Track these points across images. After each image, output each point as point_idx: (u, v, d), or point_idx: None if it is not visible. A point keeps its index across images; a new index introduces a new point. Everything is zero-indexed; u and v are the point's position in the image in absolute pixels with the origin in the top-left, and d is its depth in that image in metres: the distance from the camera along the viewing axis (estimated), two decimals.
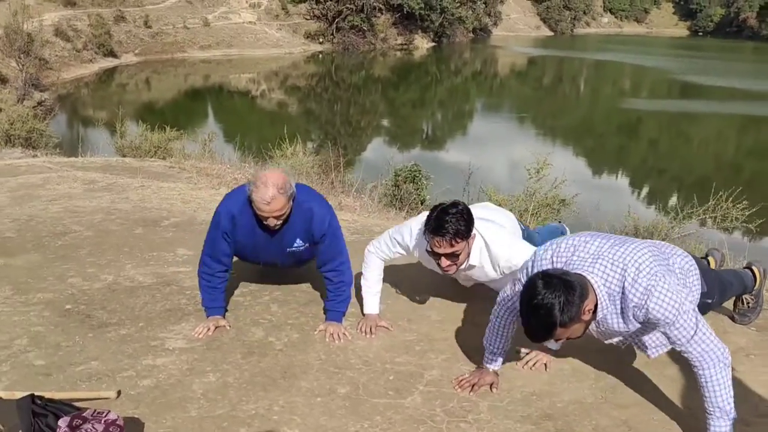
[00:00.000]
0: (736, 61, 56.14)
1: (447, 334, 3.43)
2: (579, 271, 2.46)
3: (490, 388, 2.93)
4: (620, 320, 2.51)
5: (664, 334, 2.51)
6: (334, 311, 3.42)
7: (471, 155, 19.76)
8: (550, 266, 2.59)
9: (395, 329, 3.45)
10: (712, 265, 3.59)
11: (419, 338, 3.38)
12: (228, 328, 3.38)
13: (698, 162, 23.98)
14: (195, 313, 3.53)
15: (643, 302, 2.40)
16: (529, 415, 2.77)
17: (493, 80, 43.76)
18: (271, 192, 3.08)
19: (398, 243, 3.41)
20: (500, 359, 2.98)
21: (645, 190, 20.35)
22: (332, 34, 47.13)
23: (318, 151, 13.82)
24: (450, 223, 2.97)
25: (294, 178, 3.24)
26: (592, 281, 2.43)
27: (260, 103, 29.97)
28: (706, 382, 2.43)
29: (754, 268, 3.50)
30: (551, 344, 3.04)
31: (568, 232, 4.22)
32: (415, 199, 10.78)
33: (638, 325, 2.52)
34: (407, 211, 9.77)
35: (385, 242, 3.46)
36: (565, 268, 2.51)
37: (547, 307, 2.26)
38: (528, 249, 3.20)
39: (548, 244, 2.70)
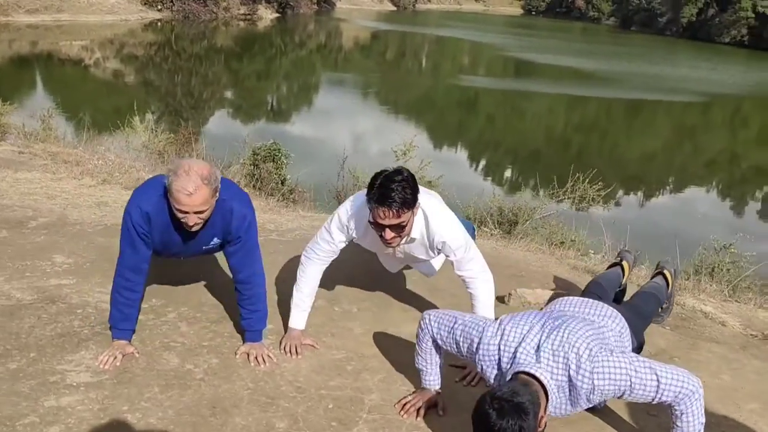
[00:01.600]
0: (566, 40, 59.21)
1: (376, 350, 3.27)
2: (527, 369, 2.39)
3: (438, 411, 2.79)
4: (569, 406, 2.47)
5: (635, 400, 2.46)
6: (253, 331, 3.15)
7: (324, 132, 19.60)
8: (497, 356, 2.52)
9: (321, 346, 3.22)
10: (626, 269, 3.63)
11: (348, 356, 3.19)
12: (137, 355, 3.02)
13: (532, 136, 25.01)
14: (93, 338, 3.14)
15: (592, 385, 2.37)
16: None
17: (338, 53, 43.54)
18: (194, 182, 2.71)
19: (338, 230, 3.16)
20: (438, 378, 2.85)
21: (482, 163, 20.97)
22: (171, 2, 44.82)
23: (161, 125, 13.08)
24: (396, 191, 2.77)
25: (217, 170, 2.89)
26: (541, 377, 2.37)
27: (95, 72, 28.00)
28: (682, 414, 2.42)
29: (665, 272, 3.57)
30: None
31: (475, 230, 4.16)
32: (275, 178, 10.43)
33: (589, 405, 2.47)
34: (269, 193, 9.46)
35: (322, 239, 3.21)
36: (513, 362, 2.44)
37: None
38: (464, 234, 3.08)
39: (496, 329, 2.57)
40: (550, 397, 2.36)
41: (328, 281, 3.75)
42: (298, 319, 3.25)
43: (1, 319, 3.23)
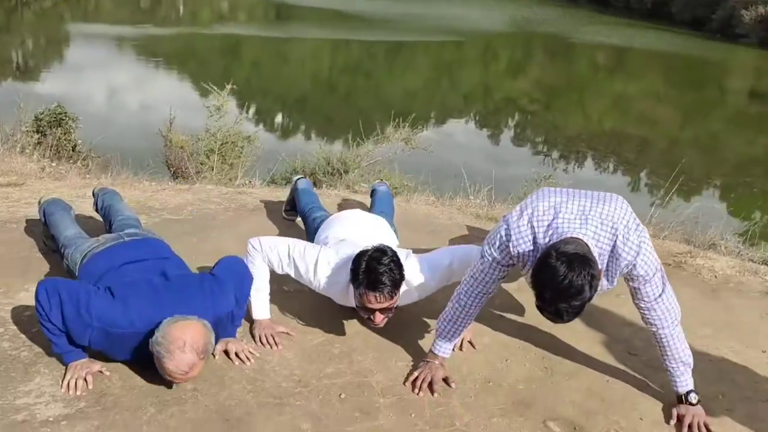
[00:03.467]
0: None
1: (351, 328, 3.15)
2: (572, 234, 2.38)
3: (447, 383, 2.77)
4: (603, 281, 2.50)
5: (635, 289, 2.55)
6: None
7: (90, 89, 18.05)
8: (530, 233, 2.49)
9: (295, 332, 3.04)
10: None
11: (327, 339, 3.06)
12: (106, 372, 2.65)
13: (299, 82, 24.96)
14: (39, 360, 2.71)
15: (633, 258, 2.44)
16: (504, 405, 2.71)
17: (87, 3, 39.93)
18: (190, 360, 2.42)
19: (301, 275, 3.01)
20: (452, 346, 2.82)
21: (252, 110, 20.65)
22: None
23: None
24: (386, 274, 2.71)
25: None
26: (587, 241, 2.38)
27: None
28: (667, 340, 2.59)
29: None
30: None
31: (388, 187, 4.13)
32: (66, 145, 9.48)
33: (614, 284, 2.55)
34: (64, 161, 8.55)
35: (279, 256, 3.00)
36: (551, 232, 2.42)
37: (579, 288, 2.18)
38: (426, 265, 3.02)
39: (518, 208, 2.56)
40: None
41: None
42: (263, 307, 3.04)
43: None
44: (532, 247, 2.48)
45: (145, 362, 2.62)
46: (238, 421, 2.48)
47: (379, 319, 2.80)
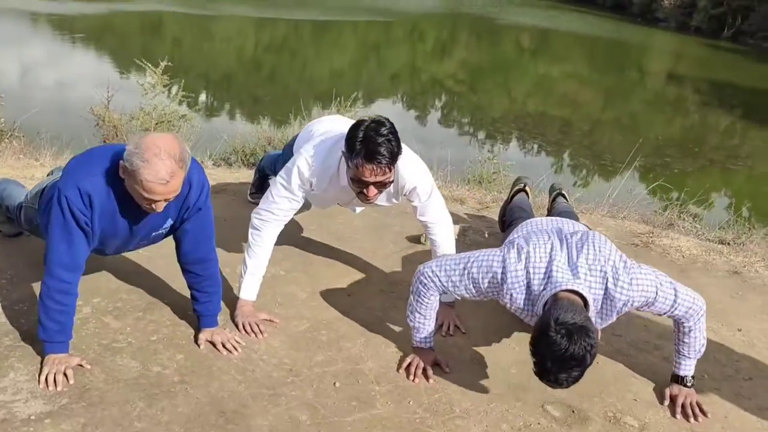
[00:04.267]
0: None
1: (334, 313, 3.07)
2: (567, 287, 2.38)
3: (441, 367, 2.73)
4: (599, 320, 2.52)
5: (653, 313, 2.57)
6: (210, 316, 2.77)
7: (6, 64, 17.21)
8: (525, 279, 2.46)
9: (278, 319, 2.95)
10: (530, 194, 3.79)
11: (313, 325, 2.97)
12: (87, 366, 2.50)
13: (223, 59, 24.42)
14: (11, 354, 2.54)
15: (629, 297, 2.45)
16: (500, 390, 2.69)
17: None
18: (168, 167, 2.23)
19: (299, 185, 2.87)
20: (433, 334, 2.78)
21: (174, 89, 20.14)
22: None
23: None
24: (384, 145, 2.58)
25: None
26: (583, 292, 2.39)
27: None
28: (690, 331, 2.59)
29: (564, 192, 3.78)
30: None
31: None
32: None
33: (613, 320, 2.55)
34: None
35: (281, 196, 2.89)
36: (546, 281, 2.41)
37: (579, 359, 2.18)
38: (430, 178, 2.99)
39: (515, 249, 2.52)
40: (589, 311, 2.37)
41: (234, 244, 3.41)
42: (252, 288, 2.93)
43: None
44: (525, 293, 2.47)
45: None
46: (234, 414, 2.37)
47: (372, 193, 2.69)
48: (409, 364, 2.72)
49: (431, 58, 29.58)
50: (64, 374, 2.42)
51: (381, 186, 2.70)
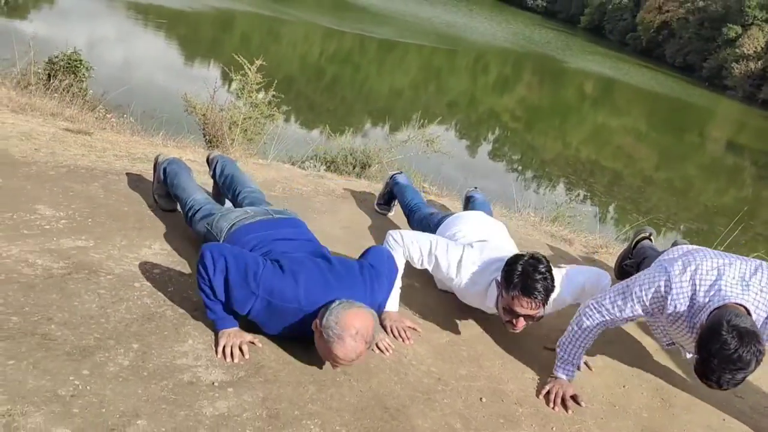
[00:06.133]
0: None
1: (472, 332, 3.20)
2: (734, 300, 2.48)
3: (577, 402, 2.84)
4: None
5: None
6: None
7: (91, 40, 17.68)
8: (690, 291, 2.57)
9: (422, 330, 3.08)
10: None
11: (453, 340, 3.11)
12: (259, 344, 2.65)
13: (287, 61, 24.83)
14: (186, 322, 2.69)
15: None
16: (634, 431, 2.75)
17: None
18: (359, 350, 2.42)
19: (440, 268, 3.05)
20: (574, 369, 2.89)
21: (234, 85, 20.40)
22: None
23: None
24: (540, 282, 2.75)
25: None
26: (750, 308, 2.48)
27: None
28: None
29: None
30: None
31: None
32: (78, 93, 9.30)
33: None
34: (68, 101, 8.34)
35: (421, 250, 3.07)
36: (713, 293, 2.50)
37: (747, 362, 2.30)
38: (565, 280, 3.08)
39: (680, 262, 2.64)
40: None
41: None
42: (395, 299, 3.07)
43: (53, 296, 2.61)
44: (688, 305, 2.58)
45: (294, 339, 2.63)
46: (397, 412, 2.50)
47: (521, 324, 2.86)
48: (548, 392, 2.84)
49: (491, 90, 29.78)
50: (240, 348, 2.56)
51: (530, 319, 2.86)
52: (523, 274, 2.75)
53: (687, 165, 23.89)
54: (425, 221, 3.61)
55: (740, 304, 2.47)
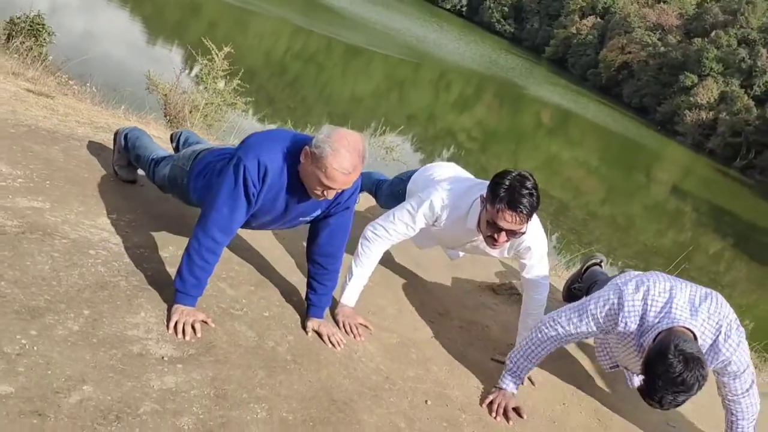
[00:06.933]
0: None
1: (424, 336, 3.23)
2: (684, 324, 2.57)
3: (519, 414, 2.89)
4: None
5: (723, 383, 2.76)
6: (320, 307, 2.91)
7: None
8: (641, 310, 2.65)
9: (373, 329, 3.10)
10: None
11: (402, 341, 3.13)
12: (212, 324, 2.62)
13: (251, 53, 24.66)
14: (140, 294, 2.65)
15: (731, 355, 2.65)
16: None
17: None
18: (354, 160, 2.42)
19: (424, 216, 3.06)
20: (518, 383, 2.94)
21: (195, 70, 20.17)
22: None
23: None
24: (527, 197, 2.78)
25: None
26: (697, 333, 2.57)
27: None
28: (741, 430, 2.79)
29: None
30: None
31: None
32: (37, 57, 9.08)
33: None
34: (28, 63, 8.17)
35: (401, 220, 3.07)
36: (663, 315, 2.59)
37: (689, 386, 2.38)
38: (546, 241, 3.14)
39: (633, 282, 2.71)
40: None
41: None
42: (353, 295, 3.07)
43: (5, 253, 2.53)
44: (638, 324, 2.65)
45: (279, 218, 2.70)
46: (344, 405, 2.51)
47: (502, 239, 2.88)
48: (491, 402, 2.88)
49: (451, 108, 30.03)
50: (192, 326, 2.53)
51: (512, 234, 2.88)
52: (510, 188, 2.77)
53: (632, 203, 24.48)
54: (395, 182, 3.63)
55: (688, 328, 2.55)
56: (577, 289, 3.87)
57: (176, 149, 3.52)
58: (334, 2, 38.76)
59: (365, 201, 4.31)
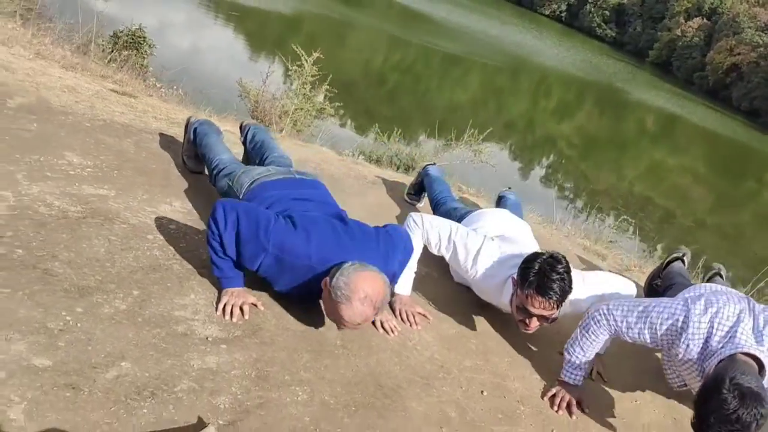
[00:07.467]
0: None
1: (484, 326, 3.10)
2: (748, 350, 2.35)
3: (581, 409, 2.72)
4: None
5: None
6: None
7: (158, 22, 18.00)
8: (706, 332, 2.45)
9: (432, 318, 2.99)
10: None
11: (461, 332, 3.02)
12: (261, 308, 2.59)
13: (350, 66, 24.92)
14: (191, 277, 2.65)
15: None
16: None
17: None
18: (366, 314, 2.37)
19: (464, 257, 2.95)
20: (585, 373, 2.77)
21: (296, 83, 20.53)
22: None
23: None
24: (557, 282, 2.64)
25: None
26: (764, 361, 2.34)
27: None
28: None
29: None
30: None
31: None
32: (138, 69, 9.40)
33: None
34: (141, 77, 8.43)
35: (440, 236, 2.98)
36: (727, 340, 2.38)
37: (745, 425, 2.13)
38: (584, 285, 2.95)
39: (702, 301, 2.50)
40: (764, 379, 2.33)
41: None
42: (407, 283, 2.98)
43: (63, 235, 2.59)
44: (701, 347, 2.45)
45: (302, 297, 2.59)
46: (391, 391, 2.42)
47: (534, 325, 2.75)
48: (554, 395, 2.73)
49: (550, 116, 29.47)
50: (240, 309, 2.51)
51: (543, 320, 2.74)
52: (540, 273, 2.64)
53: (742, 211, 23.28)
54: (449, 215, 3.53)
55: (753, 355, 2.34)
56: (658, 285, 3.65)
57: (244, 142, 3.55)
58: (433, 12, 38.84)
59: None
